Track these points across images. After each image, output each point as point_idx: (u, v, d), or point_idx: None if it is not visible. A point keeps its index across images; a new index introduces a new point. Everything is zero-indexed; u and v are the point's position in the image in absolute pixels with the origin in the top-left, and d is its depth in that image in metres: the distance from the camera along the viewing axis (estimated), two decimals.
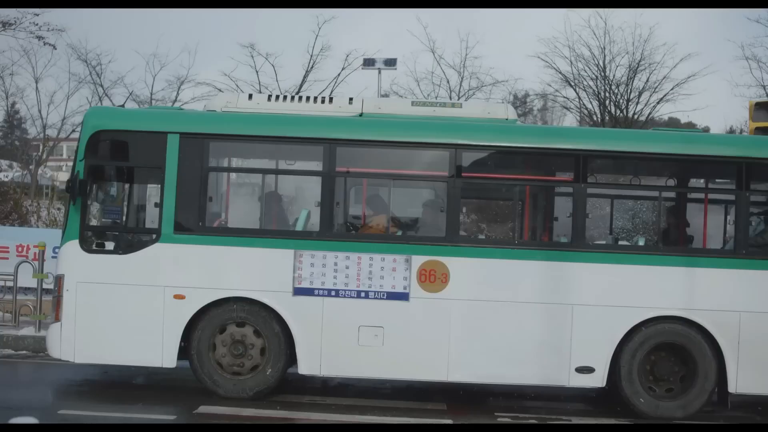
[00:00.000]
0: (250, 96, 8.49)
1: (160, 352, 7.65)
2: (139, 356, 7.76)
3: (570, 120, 33.32)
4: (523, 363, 7.70)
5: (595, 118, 29.91)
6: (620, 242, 8.70)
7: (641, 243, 8.38)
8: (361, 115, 8.19)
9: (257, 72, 27.94)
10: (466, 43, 30.39)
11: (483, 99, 30.19)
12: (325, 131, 7.84)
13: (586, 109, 29.86)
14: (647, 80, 27.83)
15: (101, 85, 29.43)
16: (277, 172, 8.70)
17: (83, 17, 43.21)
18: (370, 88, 28.26)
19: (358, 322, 7.68)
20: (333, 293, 7.68)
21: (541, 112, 42.88)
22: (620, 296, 7.70)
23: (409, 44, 49.70)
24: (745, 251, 7.80)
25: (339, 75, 28.27)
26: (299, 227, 8.09)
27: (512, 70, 57.08)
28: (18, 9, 20.87)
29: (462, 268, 7.71)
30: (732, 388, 7.70)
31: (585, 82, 28.73)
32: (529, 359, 7.69)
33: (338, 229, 8.07)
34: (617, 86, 28.33)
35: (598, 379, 7.69)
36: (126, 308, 7.64)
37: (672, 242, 8.53)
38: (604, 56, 27.95)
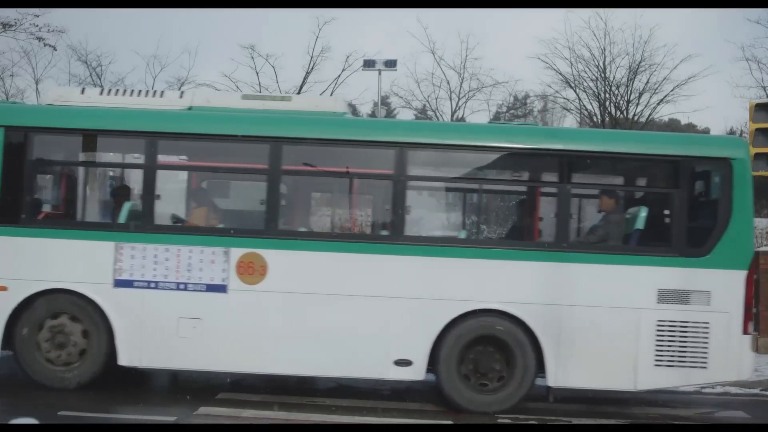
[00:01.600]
0: (83, 90, 8.63)
1: None
2: None
3: (570, 121, 33.36)
4: (342, 355, 7.68)
5: (595, 119, 29.96)
6: (441, 235, 8.62)
7: (462, 236, 8.32)
8: (190, 108, 8.26)
9: (257, 73, 28.03)
10: (466, 45, 30.48)
11: (483, 100, 30.21)
12: (145, 124, 7.94)
13: (587, 110, 29.95)
14: (647, 81, 27.97)
15: (101, 86, 29.45)
16: (100, 165, 8.84)
17: (83, 18, 43.26)
18: (371, 90, 28.34)
19: (178, 314, 7.71)
20: (153, 285, 7.72)
21: (542, 114, 42.84)
22: (438, 289, 7.65)
23: (410, 45, 49.79)
24: (566, 244, 7.78)
25: (339, 76, 28.34)
26: (121, 220, 8.12)
27: (512, 72, 57.10)
28: (18, 10, 20.97)
29: (280, 260, 7.71)
30: (552, 381, 7.66)
31: (585, 84, 28.86)
32: (348, 352, 7.67)
33: (159, 222, 8.08)
34: (617, 87, 28.44)
35: (416, 372, 7.67)
36: None
37: (494, 235, 8.55)
38: (604, 57, 28.09)
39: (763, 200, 37.36)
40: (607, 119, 28.85)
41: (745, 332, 7.59)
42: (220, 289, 7.70)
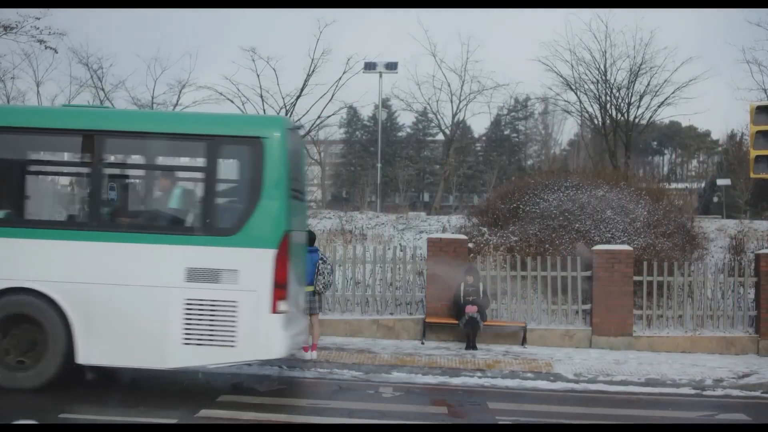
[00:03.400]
0: None
1: None
2: None
3: (571, 123, 33.38)
4: None
5: (596, 122, 29.94)
6: None
7: None
8: None
9: (258, 76, 27.96)
10: (467, 47, 30.63)
11: (484, 102, 30.17)
12: None
13: (587, 112, 29.92)
14: (648, 84, 27.85)
15: (102, 89, 29.50)
16: None
17: (85, 20, 43.40)
18: (372, 92, 28.34)
19: None
20: None
21: (542, 116, 42.80)
22: None
23: (411, 48, 49.88)
24: (97, 223, 7.84)
25: (340, 78, 28.31)
26: None
27: (513, 74, 57.19)
28: (19, 13, 20.97)
29: None
30: (81, 359, 7.70)
31: (586, 86, 28.77)
32: None
33: None
34: (618, 90, 28.35)
35: None
36: None
37: (28, 215, 8.43)
38: (605, 60, 28.00)
39: (764, 203, 37.38)
40: (608, 121, 28.81)
41: (274, 311, 7.57)
42: None
